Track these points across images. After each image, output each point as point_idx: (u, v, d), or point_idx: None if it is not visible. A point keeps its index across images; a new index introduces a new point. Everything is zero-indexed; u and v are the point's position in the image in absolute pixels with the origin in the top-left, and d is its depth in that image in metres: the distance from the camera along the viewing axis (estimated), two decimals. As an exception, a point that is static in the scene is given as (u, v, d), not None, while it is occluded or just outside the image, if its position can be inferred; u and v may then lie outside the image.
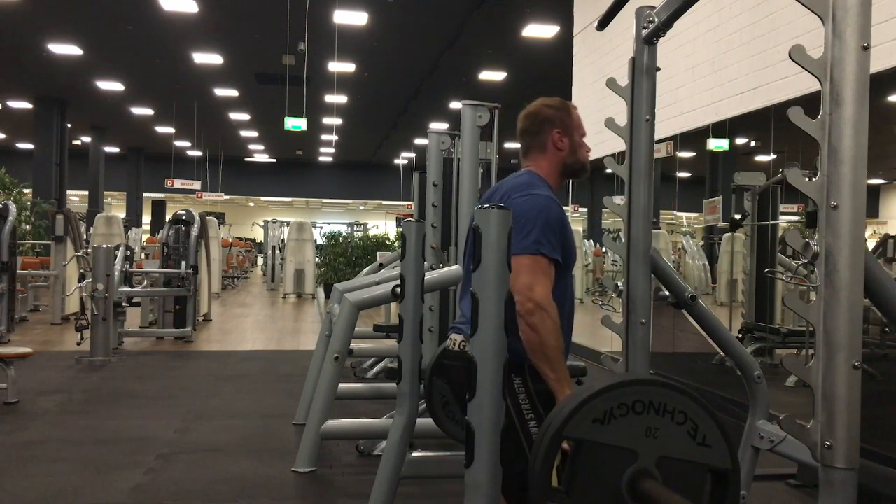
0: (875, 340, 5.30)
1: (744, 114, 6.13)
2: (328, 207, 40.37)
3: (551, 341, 2.00)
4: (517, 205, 2.11)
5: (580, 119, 2.36)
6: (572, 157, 2.32)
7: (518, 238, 2.07)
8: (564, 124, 2.31)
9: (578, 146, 2.33)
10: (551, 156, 2.30)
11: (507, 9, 11.79)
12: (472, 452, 1.90)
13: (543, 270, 2.06)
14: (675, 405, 1.68)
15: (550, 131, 2.29)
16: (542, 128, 2.30)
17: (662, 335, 6.49)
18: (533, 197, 2.14)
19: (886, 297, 1.97)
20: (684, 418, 1.68)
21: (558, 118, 2.31)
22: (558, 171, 2.31)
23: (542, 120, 2.31)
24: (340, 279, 12.85)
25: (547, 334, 2.00)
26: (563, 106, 2.34)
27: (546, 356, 2.01)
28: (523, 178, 2.26)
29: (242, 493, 3.80)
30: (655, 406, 1.67)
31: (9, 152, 26.64)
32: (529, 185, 2.21)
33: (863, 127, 1.67)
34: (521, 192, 2.16)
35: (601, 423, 1.65)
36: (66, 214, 11.00)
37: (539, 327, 2.00)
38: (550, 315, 2.01)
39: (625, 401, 1.67)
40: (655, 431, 1.66)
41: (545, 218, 2.10)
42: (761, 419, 2.56)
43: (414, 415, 3.15)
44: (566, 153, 2.30)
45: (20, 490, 3.74)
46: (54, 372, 6.85)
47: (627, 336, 2.76)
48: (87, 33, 13.87)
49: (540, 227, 2.08)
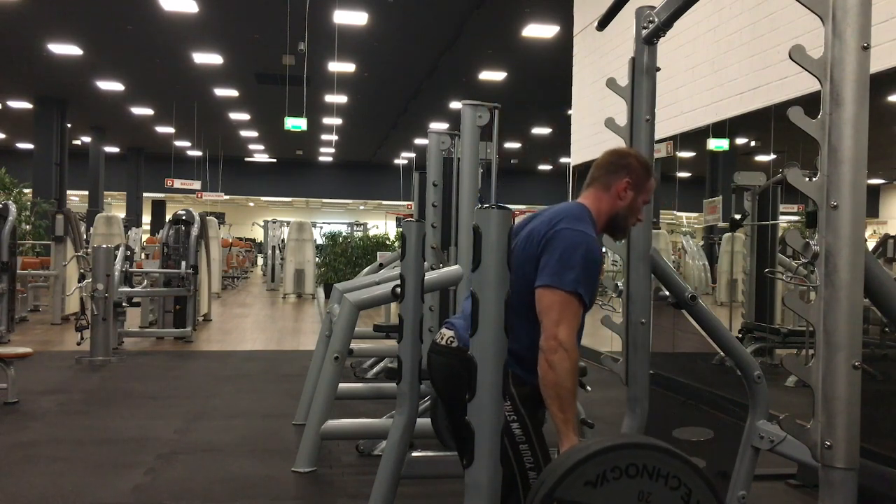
0: (875, 340, 5.30)
1: (744, 114, 6.12)
2: (328, 207, 40.37)
3: (566, 382, 2.00)
4: (565, 235, 2.10)
5: (653, 189, 2.35)
6: (626, 212, 2.30)
7: (557, 269, 2.06)
8: (638, 181, 2.29)
9: (636, 208, 2.31)
10: (610, 200, 2.28)
11: (507, 9, 11.79)
12: (472, 452, 1.90)
13: (574, 311, 2.05)
14: (670, 470, 1.67)
15: (623, 178, 2.27)
16: (619, 171, 2.28)
17: (662, 335, 6.48)
18: (581, 234, 2.12)
19: (886, 297, 1.97)
20: (678, 483, 1.67)
21: (637, 173, 2.29)
22: (608, 217, 2.29)
23: (624, 164, 2.29)
24: (340, 279, 12.85)
25: (564, 374, 2.00)
26: (647, 167, 2.33)
27: (558, 395, 2.01)
28: (575, 209, 2.24)
29: (242, 493, 3.80)
30: (649, 470, 1.67)
31: (9, 152, 26.64)
32: (580, 219, 2.18)
33: (863, 127, 1.67)
34: (571, 225, 2.14)
35: (593, 486, 1.65)
36: (66, 214, 11.00)
37: (558, 366, 2.00)
38: (570, 357, 2.01)
39: (618, 464, 1.66)
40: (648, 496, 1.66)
41: (589, 259, 2.09)
42: (761, 419, 2.56)
43: (414, 415, 3.15)
44: (623, 206, 2.28)
45: (20, 490, 3.74)
46: (54, 372, 6.85)
47: (627, 336, 2.76)
48: (87, 33, 13.87)
49: (582, 267, 2.07)
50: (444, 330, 2.36)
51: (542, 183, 31.42)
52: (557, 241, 2.10)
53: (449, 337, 2.30)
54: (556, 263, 2.07)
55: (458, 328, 2.30)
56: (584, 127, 9.24)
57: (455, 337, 2.27)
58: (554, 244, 2.10)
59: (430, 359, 2.39)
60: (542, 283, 2.07)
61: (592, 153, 8.92)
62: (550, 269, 2.07)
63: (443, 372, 2.33)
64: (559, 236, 2.10)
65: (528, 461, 2.08)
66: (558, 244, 2.09)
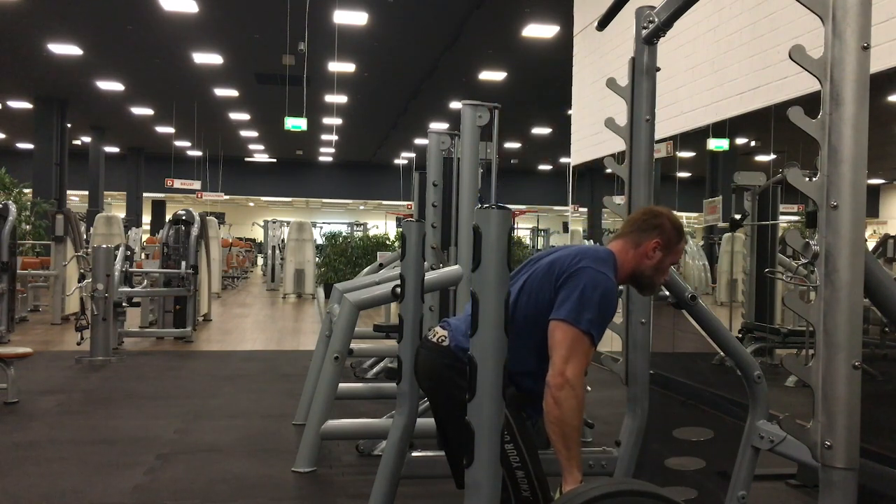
0: (875, 340, 5.30)
1: (744, 114, 6.12)
2: (328, 207, 40.36)
3: (571, 420, 2.02)
4: (588, 274, 2.13)
5: (682, 252, 2.37)
6: (651, 272, 2.32)
7: (575, 306, 2.08)
8: (669, 243, 2.31)
9: (663, 269, 2.33)
10: (637, 256, 2.30)
11: (507, 9, 11.79)
12: (472, 452, 1.90)
13: (584, 350, 2.07)
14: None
15: (654, 238, 2.29)
16: (651, 231, 2.30)
17: (662, 335, 6.49)
18: (605, 277, 2.15)
19: (886, 297, 1.97)
20: None
21: (668, 234, 2.30)
22: (632, 272, 2.31)
23: (656, 225, 2.30)
24: (340, 279, 12.85)
25: (569, 412, 2.01)
26: (679, 230, 2.34)
27: (563, 432, 2.02)
28: (602, 252, 2.26)
29: (242, 493, 3.80)
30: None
31: (9, 152, 26.63)
32: (606, 262, 2.21)
33: (863, 127, 1.67)
34: (596, 265, 2.16)
35: None
36: (66, 214, 11.00)
37: (563, 404, 2.01)
38: (577, 395, 2.02)
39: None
40: None
41: (607, 303, 2.12)
42: (761, 419, 2.56)
43: (414, 415, 3.15)
44: (651, 264, 2.30)
45: (20, 490, 3.74)
46: (54, 372, 6.85)
47: (627, 336, 2.77)
48: (87, 33, 13.87)
49: (599, 309, 2.09)
50: (438, 328, 2.37)
51: (542, 183, 31.43)
52: (580, 278, 2.12)
53: (441, 336, 2.31)
54: (575, 300, 2.09)
55: (452, 329, 2.31)
56: (584, 127, 9.24)
57: (447, 337, 2.29)
58: (575, 280, 2.12)
59: (418, 353, 2.41)
60: (558, 317, 2.09)
61: (592, 153, 8.92)
62: (569, 305, 2.09)
63: (426, 368, 2.36)
64: (582, 273, 2.13)
65: (515, 461, 2.10)
66: (580, 281, 2.12)
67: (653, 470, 3.30)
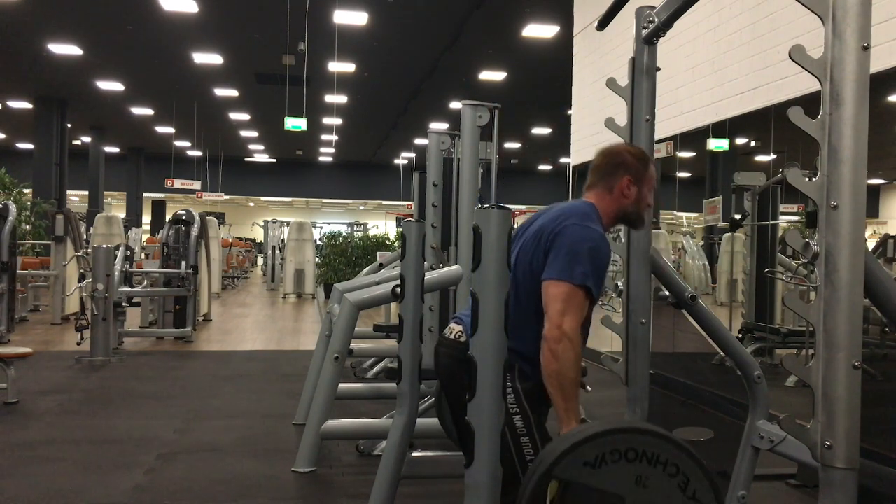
0: (875, 340, 5.30)
1: (744, 114, 6.12)
2: (328, 207, 40.36)
3: (569, 373, 2.01)
4: (572, 231, 2.12)
5: (654, 174, 2.35)
6: (634, 206, 2.31)
7: (565, 263, 2.07)
8: (638, 174, 2.30)
9: (643, 199, 2.32)
10: (615, 199, 2.29)
11: (507, 9, 11.79)
12: (472, 452, 1.90)
13: (579, 303, 2.07)
14: (669, 457, 1.68)
15: (623, 177, 2.28)
16: (616, 171, 2.29)
17: (662, 335, 6.48)
18: (589, 230, 2.14)
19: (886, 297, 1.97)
20: (676, 471, 1.68)
21: (634, 167, 2.30)
22: (616, 215, 2.31)
23: (618, 163, 2.30)
24: (340, 279, 12.85)
25: (567, 364, 2.01)
26: (643, 157, 2.33)
27: (561, 385, 2.02)
28: (582, 206, 2.26)
29: (242, 493, 3.80)
30: (648, 456, 1.68)
31: (9, 152, 26.62)
32: (587, 216, 2.20)
33: (863, 127, 1.67)
34: (579, 221, 2.16)
35: (592, 467, 1.66)
36: (66, 214, 11.00)
37: (561, 356, 2.01)
38: (574, 347, 2.02)
39: (618, 447, 1.67)
40: (646, 481, 1.67)
41: (597, 254, 2.11)
42: (761, 419, 2.56)
43: (414, 415, 3.15)
44: (630, 201, 2.30)
45: (20, 490, 3.74)
46: (54, 372, 6.85)
47: (627, 336, 2.76)
48: (87, 33, 13.86)
49: (590, 261, 2.08)
50: (452, 324, 2.36)
51: (542, 183, 31.41)
52: (565, 236, 2.11)
53: (458, 331, 2.30)
54: (564, 257, 2.08)
55: (466, 323, 2.30)
56: (584, 127, 9.24)
57: (464, 332, 2.27)
58: (562, 239, 2.11)
59: (437, 352, 2.39)
60: (549, 276, 2.09)
61: (592, 153, 8.85)
62: (559, 264, 2.08)
63: (449, 367, 2.33)
64: (567, 232, 2.12)
65: (529, 454, 2.09)
66: (566, 239, 2.11)
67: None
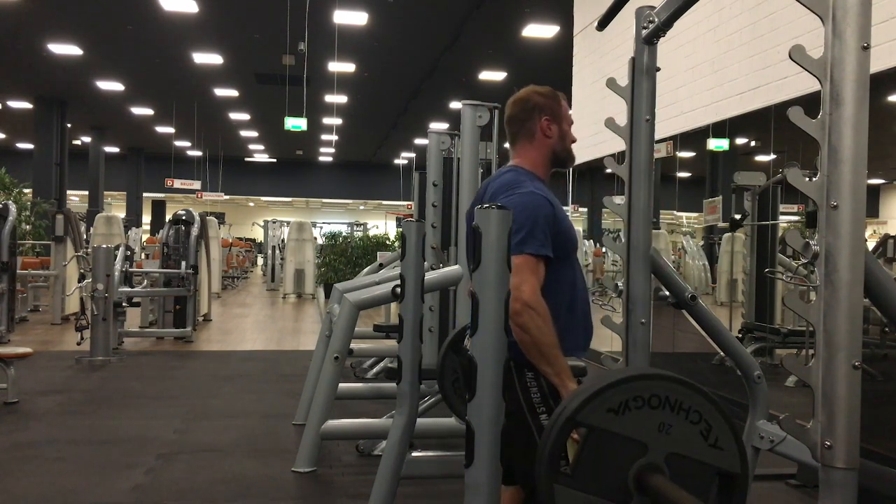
0: (875, 340, 5.30)
1: (744, 114, 6.12)
2: (328, 207, 40.36)
3: (543, 338, 2.00)
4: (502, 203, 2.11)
5: (567, 108, 2.34)
6: (560, 144, 2.31)
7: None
8: (554, 112, 2.29)
9: (566, 134, 2.32)
10: (539, 144, 2.29)
11: (507, 9, 11.79)
12: (472, 452, 1.90)
13: (531, 269, 2.05)
14: (692, 404, 1.67)
15: (539, 118, 2.27)
16: (532, 115, 2.28)
17: (662, 335, 6.48)
18: (516, 196, 2.13)
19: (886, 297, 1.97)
20: (699, 418, 1.67)
21: (548, 106, 2.29)
22: (547, 159, 2.30)
23: (531, 107, 2.28)
24: (340, 279, 12.85)
25: (537, 332, 2.00)
26: (552, 94, 2.32)
27: (541, 353, 2.01)
28: (507, 176, 2.24)
29: (242, 493, 3.80)
30: (671, 402, 1.66)
31: (9, 152, 26.63)
32: (512, 184, 2.19)
33: (863, 127, 1.67)
34: (505, 194, 2.15)
35: (615, 413, 1.64)
36: (66, 214, 10.99)
37: (529, 325, 2.00)
38: (539, 312, 2.01)
39: (641, 393, 1.65)
40: (668, 428, 1.66)
41: (528, 215, 2.09)
42: (761, 419, 2.56)
43: (414, 415, 3.15)
44: (554, 140, 2.30)
45: (20, 490, 3.74)
46: (54, 372, 6.85)
47: (627, 336, 2.76)
48: (87, 33, 13.87)
49: (524, 227, 2.07)
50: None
51: (542, 183, 31.40)
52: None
53: None
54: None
55: None
56: (584, 127, 9.23)
57: None
58: None
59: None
60: None
61: (592, 153, 8.92)
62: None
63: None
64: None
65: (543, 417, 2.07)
66: None
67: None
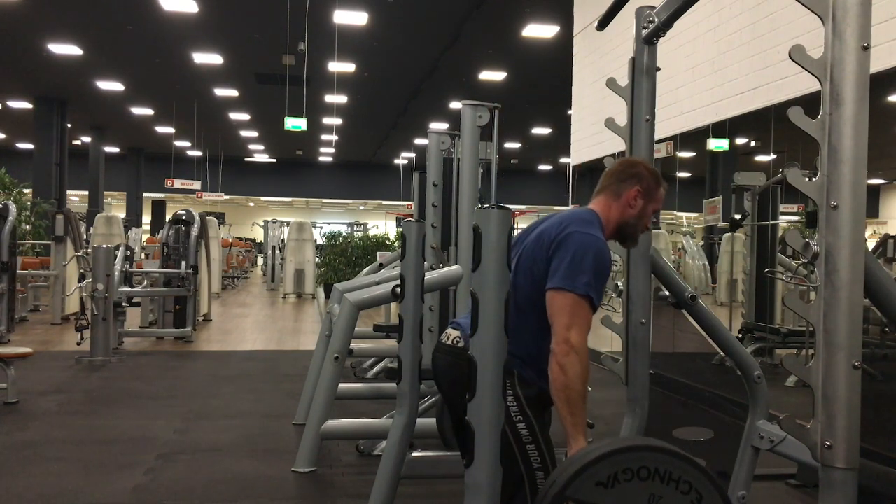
0: (875, 340, 5.29)
1: (744, 114, 6.12)
2: (328, 207, 40.35)
3: (577, 385, 2.00)
4: (576, 239, 2.11)
5: (663, 198, 2.36)
6: (635, 220, 2.31)
7: (569, 272, 2.07)
8: (649, 190, 2.30)
9: (646, 216, 2.33)
10: (620, 207, 2.29)
11: (507, 9, 11.79)
12: (472, 452, 1.90)
13: (585, 314, 2.06)
14: (681, 474, 1.68)
15: (633, 187, 2.29)
16: (629, 180, 2.29)
17: (662, 335, 6.48)
18: (593, 238, 2.13)
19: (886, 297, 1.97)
20: (689, 488, 1.68)
21: (647, 182, 2.30)
22: (618, 225, 2.31)
23: (633, 173, 2.30)
24: (340, 279, 12.85)
25: (575, 378, 2.00)
26: (657, 177, 2.34)
27: (568, 398, 2.01)
28: (586, 214, 2.25)
29: (242, 493, 3.80)
30: (661, 473, 1.67)
31: (9, 152, 26.62)
32: (591, 223, 2.20)
33: (863, 127, 1.67)
34: (582, 228, 2.15)
35: (605, 487, 1.65)
36: (66, 214, 10.99)
37: (569, 370, 2.00)
38: (581, 360, 2.01)
39: (630, 466, 1.66)
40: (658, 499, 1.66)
41: (601, 263, 2.10)
42: (761, 419, 2.56)
43: (414, 415, 3.15)
44: (633, 214, 2.30)
45: (20, 490, 3.74)
46: (54, 372, 6.84)
47: (627, 336, 2.76)
48: (87, 33, 13.86)
49: (593, 271, 2.08)
50: (449, 329, 2.36)
51: (542, 183, 31.42)
52: (568, 244, 2.10)
53: (455, 337, 2.29)
54: (567, 266, 2.07)
55: (463, 328, 2.29)
56: (584, 127, 9.24)
57: (461, 337, 2.27)
58: (565, 247, 2.10)
59: (436, 359, 2.38)
60: (553, 286, 2.08)
61: (592, 153, 8.92)
62: (562, 273, 2.07)
63: (448, 373, 2.32)
64: (570, 239, 2.11)
65: (535, 461, 2.09)
66: (569, 247, 2.10)
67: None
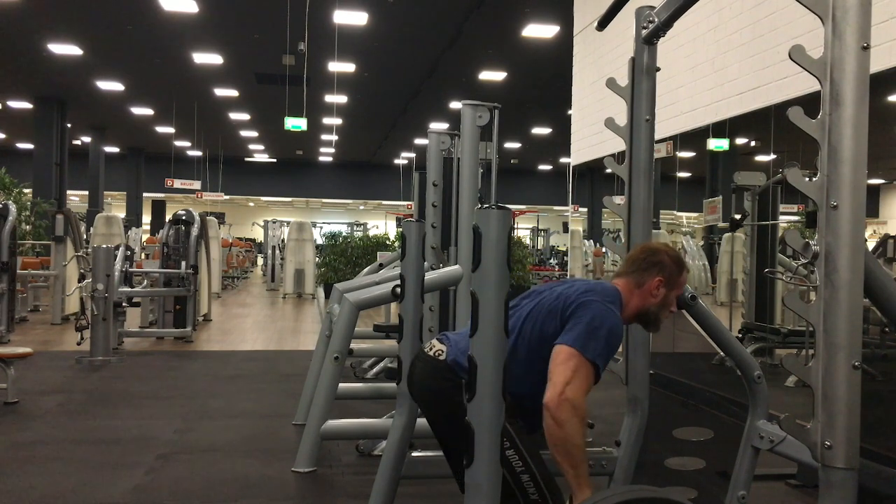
0: (875, 340, 5.29)
1: (744, 114, 6.12)
2: (328, 207, 40.35)
3: (575, 439, 2.01)
4: (596, 308, 2.14)
5: (685, 282, 2.37)
6: (657, 309, 2.33)
7: (583, 335, 2.09)
8: (671, 278, 2.32)
9: (669, 304, 2.34)
10: (642, 295, 2.31)
11: (507, 9, 11.79)
12: (472, 453, 1.90)
13: (586, 376, 2.07)
14: None
15: (655, 276, 2.30)
16: (651, 269, 2.31)
17: (662, 335, 6.48)
18: (612, 313, 2.17)
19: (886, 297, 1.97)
20: None
21: (669, 270, 2.31)
22: (638, 311, 2.33)
23: (656, 262, 2.32)
24: (340, 279, 12.85)
25: (572, 431, 2.01)
26: (679, 263, 2.35)
27: (567, 452, 2.02)
28: (610, 289, 2.27)
29: (242, 493, 3.80)
30: None
31: (9, 152, 26.63)
32: (613, 298, 2.23)
33: (863, 127, 1.67)
34: (604, 300, 2.18)
35: None
36: (66, 214, 10.99)
37: (565, 423, 2.00)
38: (578, 413, 2.02)
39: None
40: None
41: (613, 338, 2.14)
42: (761, 419, 2.56)
43: (414, 415, 3.14)
44: (656, 302, 2.32)
45: (20, 490, 3.74)
46: (54, 372, 6.84)
47: (627, 336, 2.76)
48: (87, 33, 13.86)
49: (605, 342, 2.10)
50: (435, 341, 2.36)
51: (542, 183, 31.44)
52: (588, 310, 2.14)
53: (438, 350, 2.30)
54: (583, 329, 2.10)
55: (451, 343, 2.29)
56: (584, 127, 9.24)
57: (445, 352, 2.27)
58: (584, 312, 2.13)
59: (413, 365, 2.39)
60: (564, 342, 2.09)
61: (592, 153, 8.92)
62: (576, 333, 2.10)
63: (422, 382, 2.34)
64: (591, 306, 2.14)
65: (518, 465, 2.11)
66: (588, 313, 2.13)
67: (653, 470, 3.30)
